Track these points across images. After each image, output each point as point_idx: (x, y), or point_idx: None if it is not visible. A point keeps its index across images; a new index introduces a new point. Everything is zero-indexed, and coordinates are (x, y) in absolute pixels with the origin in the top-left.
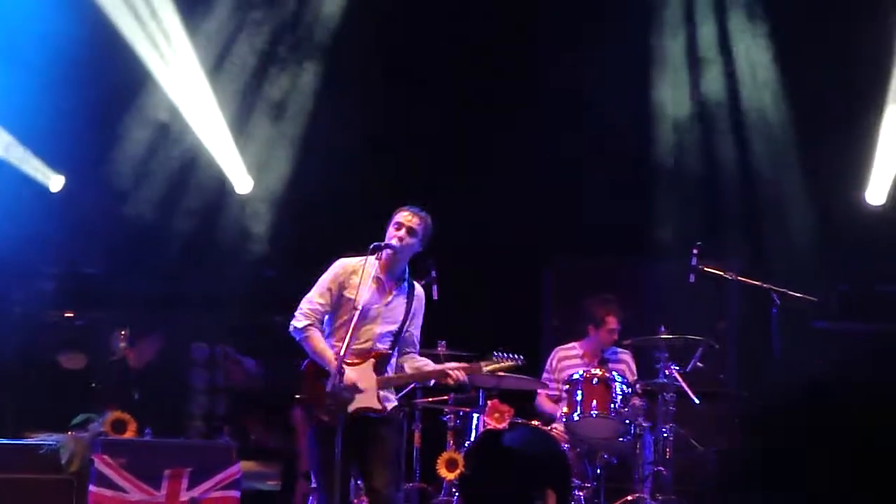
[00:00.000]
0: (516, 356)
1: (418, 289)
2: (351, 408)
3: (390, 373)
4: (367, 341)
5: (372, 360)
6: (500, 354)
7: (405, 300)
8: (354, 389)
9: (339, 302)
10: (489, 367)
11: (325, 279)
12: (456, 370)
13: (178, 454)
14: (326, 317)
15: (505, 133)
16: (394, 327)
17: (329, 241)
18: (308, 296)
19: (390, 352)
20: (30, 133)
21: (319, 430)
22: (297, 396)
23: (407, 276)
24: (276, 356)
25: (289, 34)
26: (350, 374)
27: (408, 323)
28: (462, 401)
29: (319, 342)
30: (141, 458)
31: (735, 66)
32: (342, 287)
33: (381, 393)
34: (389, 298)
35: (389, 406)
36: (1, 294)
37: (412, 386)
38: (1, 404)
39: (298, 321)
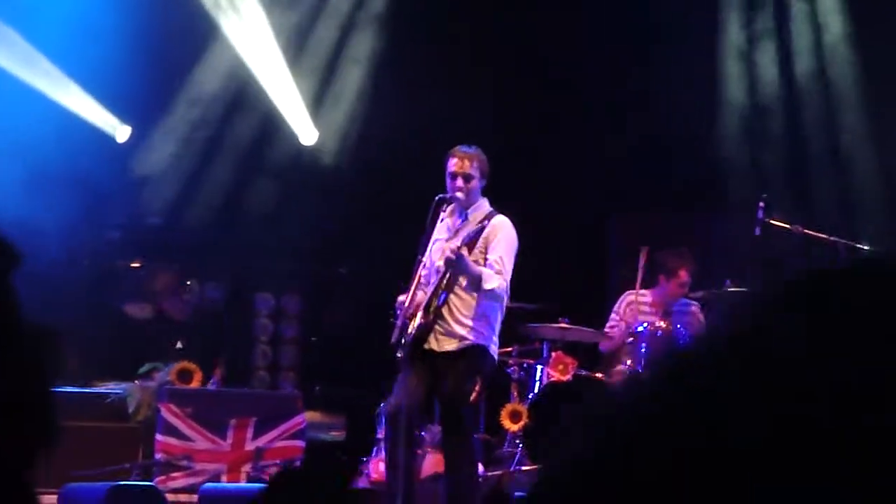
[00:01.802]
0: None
1: (496, 218)
2: (410, 328)
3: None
4: (431, 278)
5: (434, 285)
6: None
7: (472, 224)
8: (414, 315)
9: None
10: None
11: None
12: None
13: (243, 404)
14: None
15: (571, 85)
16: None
17: (394, 195)
18: None
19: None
20: (98, 85)
21: (403, 359)
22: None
23: (479, 206)
24: (341, 306)
25: None
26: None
27: (475, 248)
28: (526, 352)
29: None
30: (207, 407)
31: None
32: (432, 244)
33: (447, 320)
34: (452, 231)
35: (455, 339)
36: (68, 244)
37: None
38: (68, 354)
39: None
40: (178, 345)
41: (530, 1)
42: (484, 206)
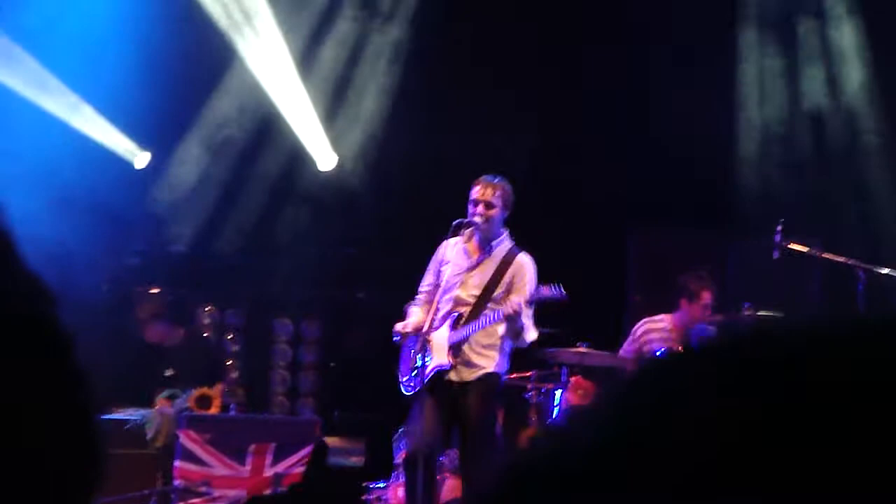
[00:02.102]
0: (557, 288)
1: (520, 255)
2: (427, 368)
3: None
4: (446, 308)
5: (449, 320)
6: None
7: (492, 264)
8: (428, 351)
9: (438, 282)
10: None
11: (431, 262)
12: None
13: (262, 429)
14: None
15: (590, 101)
16: (476, 290)
17: (412, 219)
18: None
19: (462, 311)
20: (116, 110)
21: (414, 396)
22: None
23: (503, 241)
24: (360, 331)
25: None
26: (432, 336)
27: (499, 287)
28: (545, 377)
29: (413, 316)
30: (226, 433)
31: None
32: (440, 265)
33: (465, 353)
34: (472, 263)
35: (474, 369)
36: (89, 270)
37: None
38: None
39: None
40: (168, 372)
41: (554, 22)
42: (506, 240)
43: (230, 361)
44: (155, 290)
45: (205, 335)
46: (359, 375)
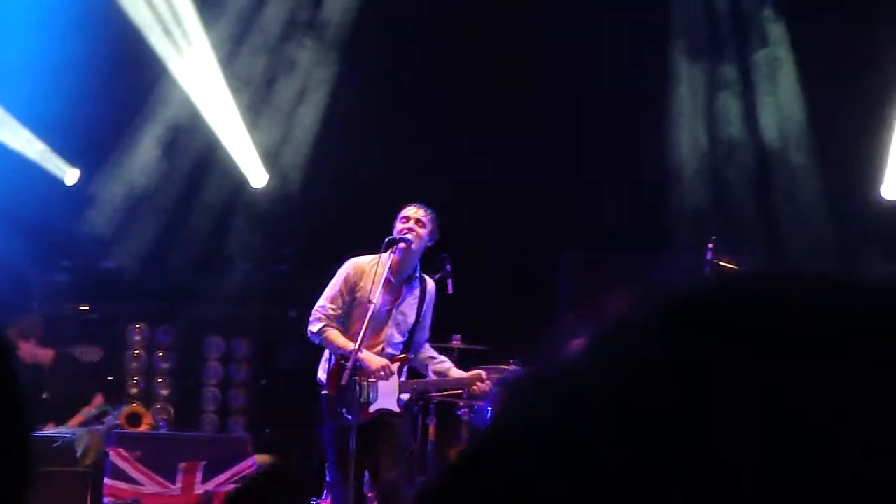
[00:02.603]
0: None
1: (429, 283)
2: (372, 409)
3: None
4: (379, 343)
5: (396, 363)
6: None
7: (416, 299)
8: (376, 390)
9: (350, 304)
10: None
11: (336, 283)
12: (483, 383)
13: (193, 447)
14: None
15: (522, 124)
16: (405, 328)
17: (343, 235)
18: (320, 301)
19: (410, 356)
20: (46, 126)
21: (337, 426)
22: (323, 392)
23: (418, 272)
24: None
25: (304, 26)
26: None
27: (421, 319)
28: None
29: (339, 338)
30: (156, 451)
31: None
32: (353, 290)
33: (401, 395)
34: (400, 299)
35: (403, 402)
36: (18, 287)
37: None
38: None
39: (313, 326)
40: (44, 395)
41: (484, 35)
42: (417, 268)
43: (161, 379)
44: (34, 314)
45: (77, 356)
46: (290, 393)
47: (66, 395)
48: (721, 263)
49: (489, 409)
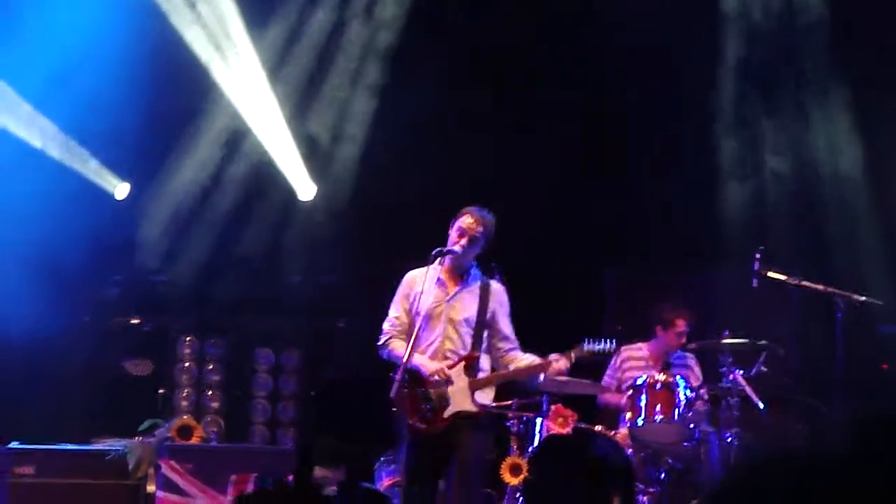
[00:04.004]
0: (607, 342)
1: (495, 284)
2: (446, 413)
3: (481, 375)
4: (435, 340)
5: (462, 362)
6: (591, 341)
7: (474, 295)
8: (447, 394)
9: (410, 314)
10: (586, 351)
11: (397, 295)
12: (556, 361)
13: (243, 459)
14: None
15: (571, 139)
16: (461, 322)
17: (391, 246)
18: (387, 317)
19: (477, 354)
20: (96, 141)
21: (413, 437)
22: (393, 408)
23: (475, 272)
24: (340, 360)
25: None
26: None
27: (486, 317)
28: (526, 406)
29: (398, 348)
30: (207, 463)
31: None
32: (408, 298)
33: (476, 394)
34: (452, 293)
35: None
36: (68, 301)
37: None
38: (68, 410)
39: (380, 340)
40: None
41: (535, 54)
42: (476, 270)
43: (210, 391)
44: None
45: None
46: (339, 405)
47: None
48: (769, 275)
49: (538, 420)
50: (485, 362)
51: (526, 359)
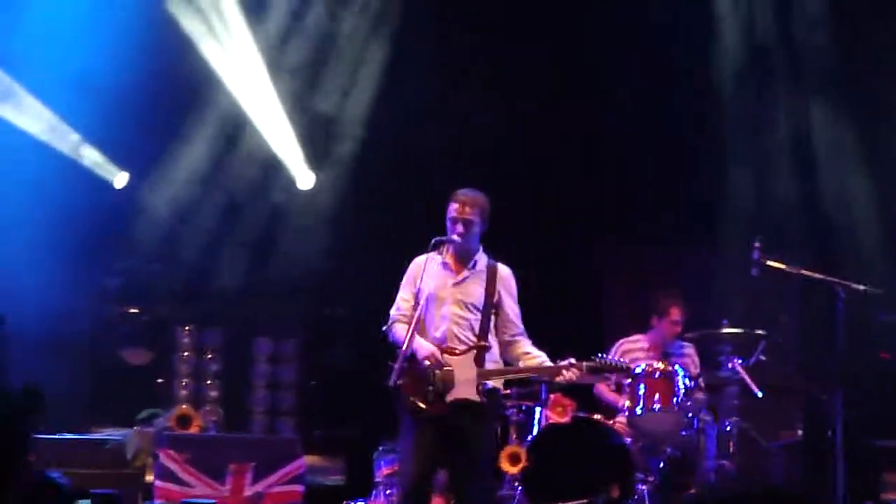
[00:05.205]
0: (622, 361)
1: (502, 268)
2: (449, 397)
3: (491, 364)
4: (442, 324)
5: (473, 351)
6: (603, 357)
7: (481, 279)
8: (453, 379)
9: (417, 298)
10: (599, 363)
11: (405, 280)
12: (570, 370)
13: (242, 448)
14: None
15: (567, 124)
16: (469, 306)
17: (391, 233)
18: (394, 302)
19: (489, 344)
20: (96, 131)
21: (414, 418)
22: (398, 383)
23: (481, 255)
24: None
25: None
26: (450, 362)
27: (493, 302)
28: (524, 395)
29: (401, 330)
30: (205, 452)
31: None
32: (416, 282)
33: (481, 382)
34: (459, 278)
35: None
36: (68, 290)
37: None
38: (67, 399)
39: (385, 324)
40: None
41: (531, 40)
42: (483, 253)
43: (209, 381)
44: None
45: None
46: (338, 393)
47: None
48: (768, 263)
49: (537, 409)
50: (494, 346)
51: (538, 358)
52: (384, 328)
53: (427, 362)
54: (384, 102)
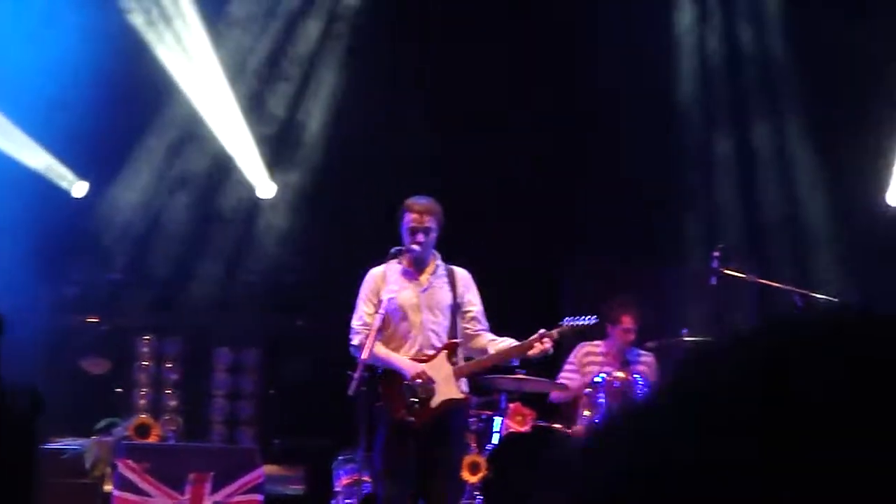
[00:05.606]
0: (587, 318)
1: (458, 269)
2: (434, 403)
3: (461, 359)
4: (416, 333)
5: (444, 350)
6: (571, 319)
7: (444, 282)
8: (432, 384)
9: (379, 309)
10: (567, 327)
11: (364, 293)
12: (541, 340)
13: (201, 458)
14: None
15: (526, 136)
16: (439, 311)
17: (350, 245)
18: (355, 315)
19: (458, 341)
20: (53, 139)
21: (395, 431)
22: (377, 403)
23: (439, 261)
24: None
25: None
26: (427, 368)
27: (458, 303)
28: (484, 404)
29: (380, 349)
30: (164, 462)
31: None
32: (377, 294)
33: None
34: (425, 285)
35: (466, 387)
36: (25, 299)
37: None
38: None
39: (353, 340)
40: None
41: (491, 51)
42: (438, 256)
43: (169, 390)
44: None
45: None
46: (298, 403)
47: None
48: (726, 272)
49: (497, 418)
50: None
51: (505, 341)
52: (354, 344)
53: (419, 380)
54: (344, 115)
